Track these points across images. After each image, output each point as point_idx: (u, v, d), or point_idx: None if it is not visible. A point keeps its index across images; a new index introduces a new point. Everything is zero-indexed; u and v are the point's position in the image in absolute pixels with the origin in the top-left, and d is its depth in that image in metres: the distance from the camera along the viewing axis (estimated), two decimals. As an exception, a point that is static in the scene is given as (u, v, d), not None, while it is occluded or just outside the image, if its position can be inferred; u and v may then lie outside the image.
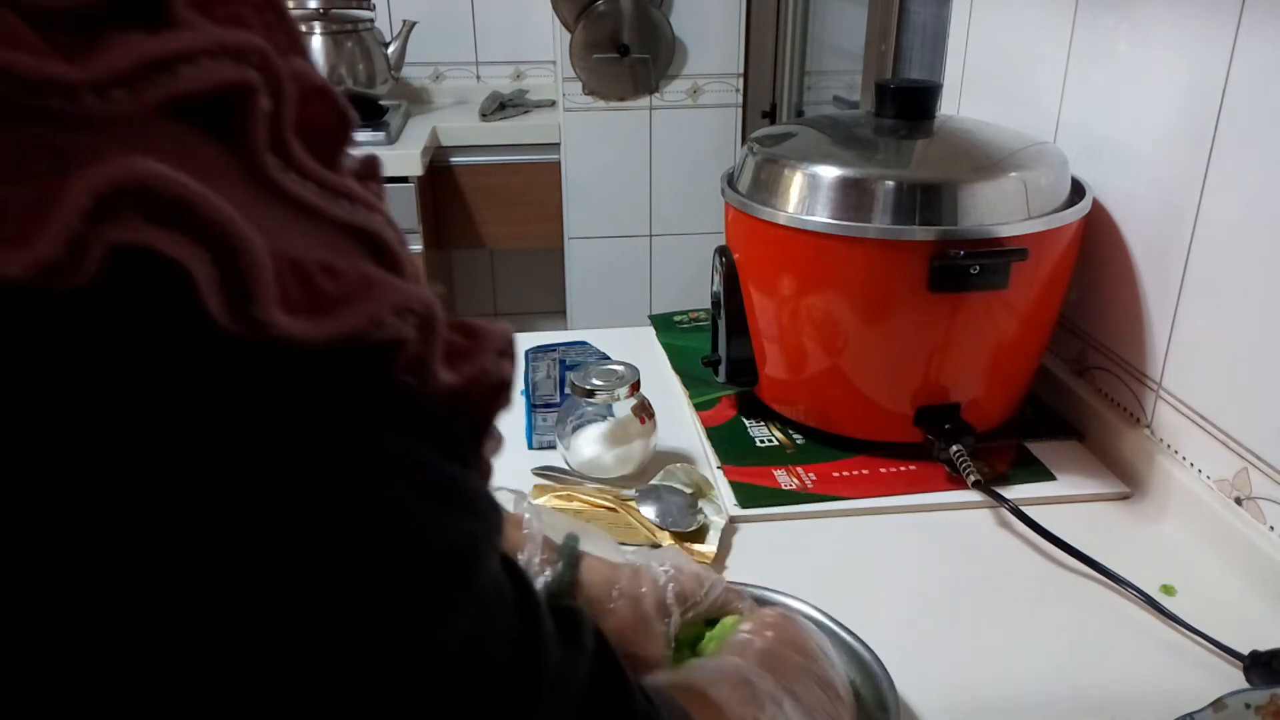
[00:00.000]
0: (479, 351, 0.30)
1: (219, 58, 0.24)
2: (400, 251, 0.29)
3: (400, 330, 0.26)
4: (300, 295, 0.24)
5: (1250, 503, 0.75)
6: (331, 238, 0.26)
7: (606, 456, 0.86)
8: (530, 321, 2.67)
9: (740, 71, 2.21)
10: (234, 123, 0.25)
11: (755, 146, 0.91)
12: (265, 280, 0.23)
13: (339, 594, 0.25)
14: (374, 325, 0.25)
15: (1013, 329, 0.86)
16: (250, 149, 0.25)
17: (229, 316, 0.22)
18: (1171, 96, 0.82)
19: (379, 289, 0.26)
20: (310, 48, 0.30)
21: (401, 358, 0.27)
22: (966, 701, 0.64)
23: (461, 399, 0.29)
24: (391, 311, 0.26)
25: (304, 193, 0.26)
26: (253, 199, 0.24)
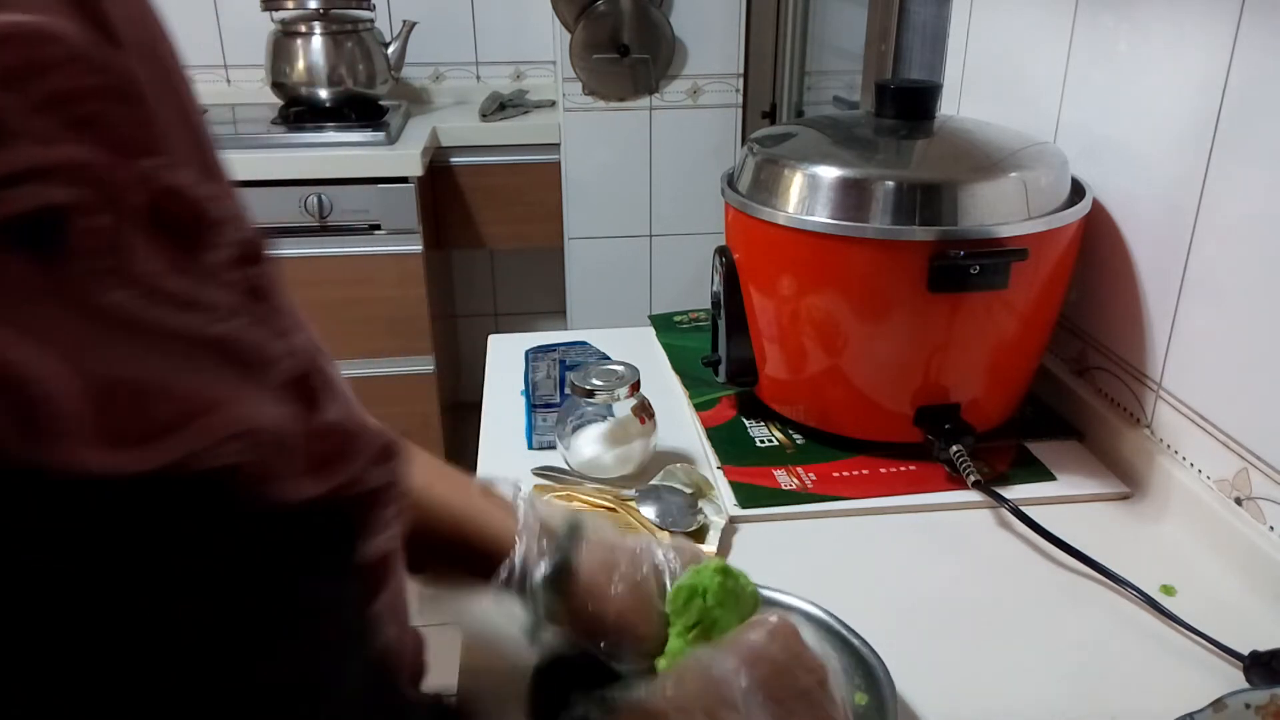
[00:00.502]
0: (349, 459, 0.29)
1: (35, 180, 0.23)
2: (272, 350, 0.27)
3: (237, 455, 0.25)
4: (122, 422, 0.23)
5: (1250, 503, 0.75)
6: (176, 353, 0.25)
7: (606, 456, 0.86)
8: (530, 321, 2.67)
9: (740, 71, 2.21)
10: (58, 244, 0.23)
11: (755, 146, 0.91)
12: (67, 415, 0.22)
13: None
14: (204, 453, 0.24)
15: (1013, 329, 0.86)
16: (73, 271, 0.23)
17: (27, 452, 0.21)
18: (1171, 96, 0.82)
19: (215, 414, 0.25)
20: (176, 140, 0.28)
21: (241, 481, 0.26)
22: (966, 701, 0.64)
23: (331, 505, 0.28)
24: (228, 438, 0.25)
25: (142, 311, 0.24)
26: (74, 321, 0.23)
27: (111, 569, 0.24)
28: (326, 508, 0.28)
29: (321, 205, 1.95)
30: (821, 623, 0.65)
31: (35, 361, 0.22)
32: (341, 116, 2.10)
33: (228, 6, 2.29)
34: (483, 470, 0.90)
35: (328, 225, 1.97)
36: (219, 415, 0.25)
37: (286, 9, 2.08)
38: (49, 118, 0.23)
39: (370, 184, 1.96)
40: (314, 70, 2.08)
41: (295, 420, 0.28)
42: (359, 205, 1.97)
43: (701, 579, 0.57)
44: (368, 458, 0.30)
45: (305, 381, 0.29)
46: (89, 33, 0.25)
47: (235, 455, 0.25)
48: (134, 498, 0.24)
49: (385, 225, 1.99)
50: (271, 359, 0.27)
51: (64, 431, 0.22)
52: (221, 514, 0.26)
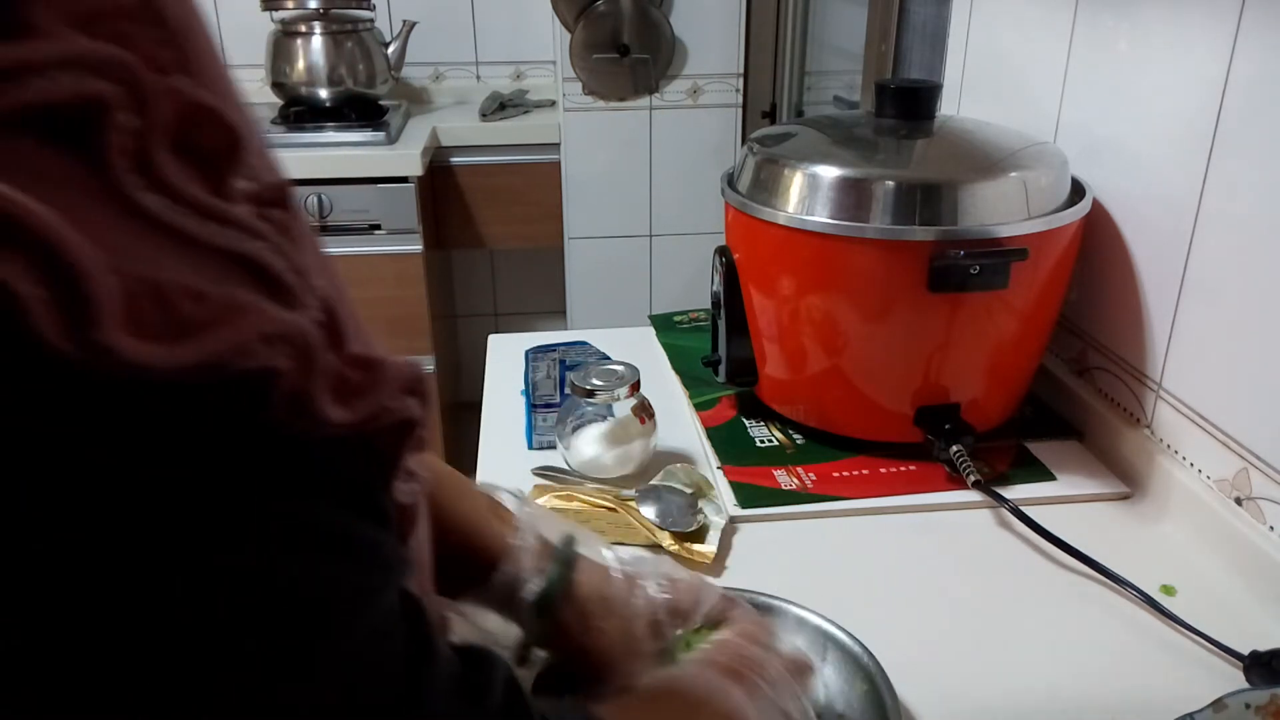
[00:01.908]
0: (377, 387, 0.29)
1: (72, 70, 0.23)
2: (293, 281, 0.27)
3: (270, 359, 0.25)
4: (155, 319, 0.23)
5: (1250, 503, 0.75)
6: (203, 264, 0.25)
7: (606, 456, 0.86)
8: (530, 321, 2.67)
9: (740, 71, 2.21)
10: (90, 138, 0.23)
11: (755, 146, 0.91)
12: (105, 300, 0.21)
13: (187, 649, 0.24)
14: (238, 352, 0.24)
15: (1013, 329, 0.86)
16: (107, 166, 0.23)
17: (66, 340, 0.21)
18: (1171, 96, 0.82)
19: (248, 315, 0.24)
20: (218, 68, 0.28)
21: (276, 392, 0.25)
22: (966, 701, 0.64)
23: (357, 439, 0.28)
24: (260, 339, 0.24)
25: (171, 215, 0.24)
26: (109, 218, 0.23)
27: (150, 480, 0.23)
28: (358, 439, 0.28)
29: (321, 205, 1.95)
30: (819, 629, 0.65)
31: (80, 247, 0.21)
32: (341, 116, 2.10)
33: (228, 6, 2.29)
34: (483, 470, 0.90)
35: (328, 225, 1.97)
36: (253, 316, 0.25)
37: (286, 9, 2.08)
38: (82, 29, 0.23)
39: (370, 184, 1.96)
40: (314, 70, 2.08)
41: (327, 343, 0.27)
42: (359, 205, 1.97)
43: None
44: (397, 386, 0.30)
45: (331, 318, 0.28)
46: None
47: (272, 358, 0.25)
48: (173, 400, 0.23)
49: (385, 225, 1.99)
50: (301, 289, 0.27)
51: (106, 321, 0.21)
52: (260, 431, 0.25)
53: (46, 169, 0.22)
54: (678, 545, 0.77)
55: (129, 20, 0.25)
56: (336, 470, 0.28)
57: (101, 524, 0.22)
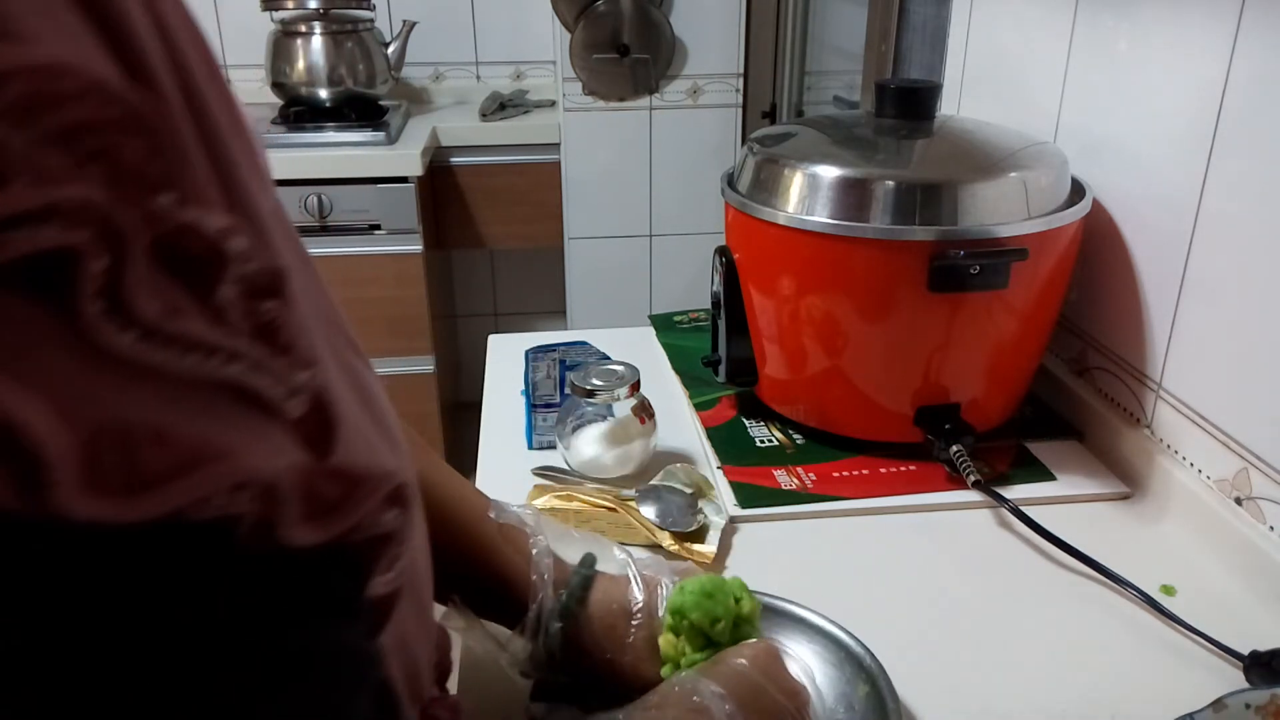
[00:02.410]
0: (355, 504, 0.29)
1: (46, 221, 0.22)
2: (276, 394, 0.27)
3: (232, 507, 0.25)
4: (116, 470, 0.22)
5: (1250, 503, 0.75)
6: (177, 397, 0.24)
7: (606, 456, 0.86)
8: (530, 321, 2.67)
9: (740, 71, 2.21)
10: (59, 285, 0.22)
11: (755, 146, 0.91)
12: (58, 465, 0.21)
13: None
14: (197, 505, 0.24)
15: (1013, 329, 0.86)
16: (77, 313, 0.23)
17: (20, 504, 0.21)
18: (1171, 96, 0.82)
19: (212, 465, 0.24)
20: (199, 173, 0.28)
21: (240, 532, 0.25)
22: (966, 701, 0.64)
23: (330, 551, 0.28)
24: (225, 489, 0.25)
25: (143, 354, 0.24)
26: (75, 365, 0.23)
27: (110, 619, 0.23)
28: (331, 553, 0.28)
29: (321, 205, 1.95)
30: (820, 629, 0.65)
31: (31, 411, 0.21)
32: (341, 116, 2.10)
33: (228, 6, 2.29)
34: (483, 470, 0.90)
35: (328, 225, 1.97)
36: (223, 464, 0.25)
37: (286, 9, 2.08)
38: (56, 153, 0.22)
39: (370, 184, 1.96)
40: (314, 70, 2.08)
41: (302, 463, 0.27)
42: (359, 205, 1.97)
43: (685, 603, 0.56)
44: (376, 502, 0.30)
45: (315, 418, 0.28)
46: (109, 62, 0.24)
47: (237, 505, 0.25)
48: (131, 547, 0.23)
49: (385, 225, 1.99)
50: (279, 400, 0.27)
51: (58, 482, 0.21)
52: (222, 562, 0.25)
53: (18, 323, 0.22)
54: (678, 545, 0.77)
55: (113, 133, 0.24)
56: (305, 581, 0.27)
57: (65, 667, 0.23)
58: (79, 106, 0.23)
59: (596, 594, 0.58)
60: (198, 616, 0.25)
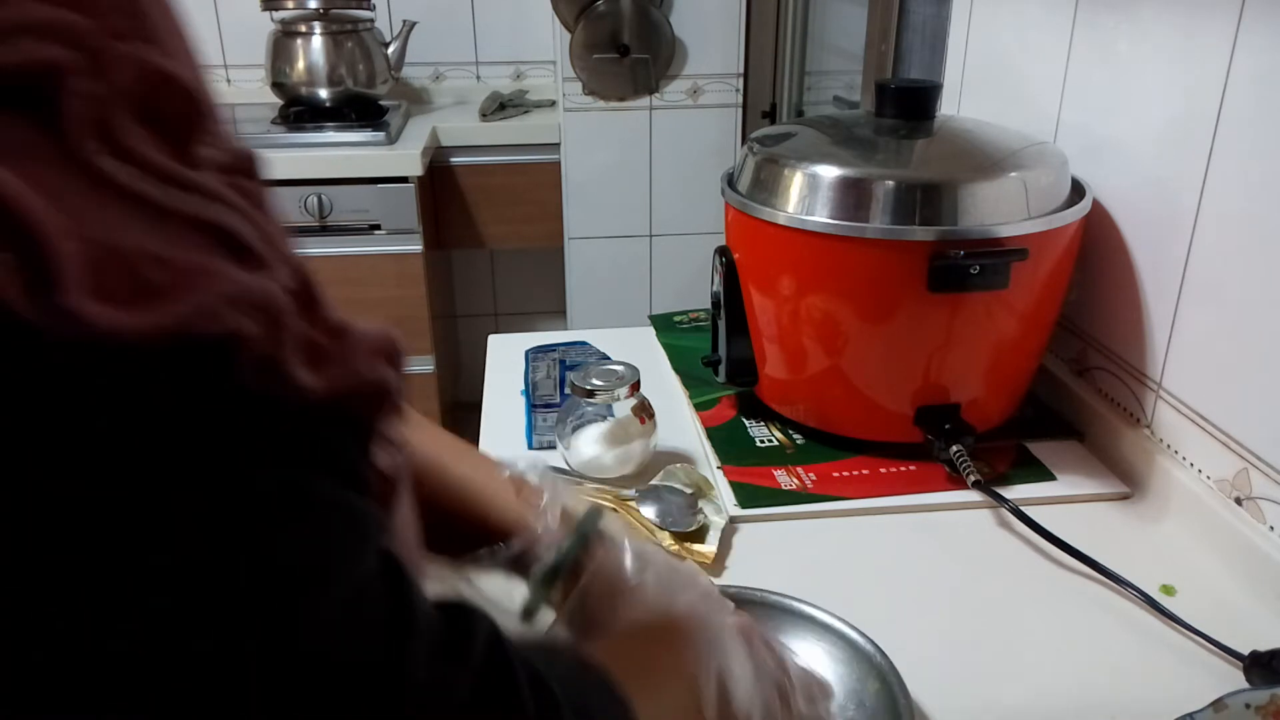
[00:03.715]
0: (350, 354, 0.29)
1: (27, 35, 0.22)
2: (261, 247, 0.27)
3: (235, 323, 0.24)
4: (119, 285, 0.22)
5: (1250, 503, 0.75)
6: (167, 230, 0.24)
7: (606, 456, 0.86)
8: (530, 321, 2.67)
9: (740, 71, 2.21)
10: (47, 105, 0.23)
11: (755, 146, 0.91)
12: (67, 265, 0.21)
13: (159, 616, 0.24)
14: (202, 316, 0.24)
15: (1013, 329, 0.86)
16: (65, 132, 0.23)
17: (30, 305, 0.21)
18: (1171, 96, 0.82)
19: (212, 279, 0.24)
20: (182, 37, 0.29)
21: (245, 357, 0.25)
22: (965, 701, 0.64)
23: (332, 405, 0.28)
24: (225, 302, 0.24)
25: (132, 181, 0.24)
26: (68, 185, 0.23)
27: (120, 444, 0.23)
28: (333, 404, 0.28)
29: (321, 205, 1.95)
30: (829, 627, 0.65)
31: (42, 211, 0.21)
32: (341, 116, 2.10)
33: (228, 6, 2.29)
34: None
35: (328, 225, 1.97)
36: (218, 280, 0.24)
37: (286, 9, 2.08)
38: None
39: (370, 184, 1.96)
40: (314, 70, 2.08)
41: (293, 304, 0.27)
42: (359, 205, 1.97)
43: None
44: (371, 353, 0.30)
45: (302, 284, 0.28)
46: None
47: (236, 321, 0.24)
48: (138, 364, 0.23)
49: (385, 225, 1.99)
50: (269, 257, 0.27)
51: (67, 280, 0.21)
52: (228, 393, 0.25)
53: (10, 137, 0.22)
54: (678, 545, 0.77)
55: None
56: (311, 436, 0.27)
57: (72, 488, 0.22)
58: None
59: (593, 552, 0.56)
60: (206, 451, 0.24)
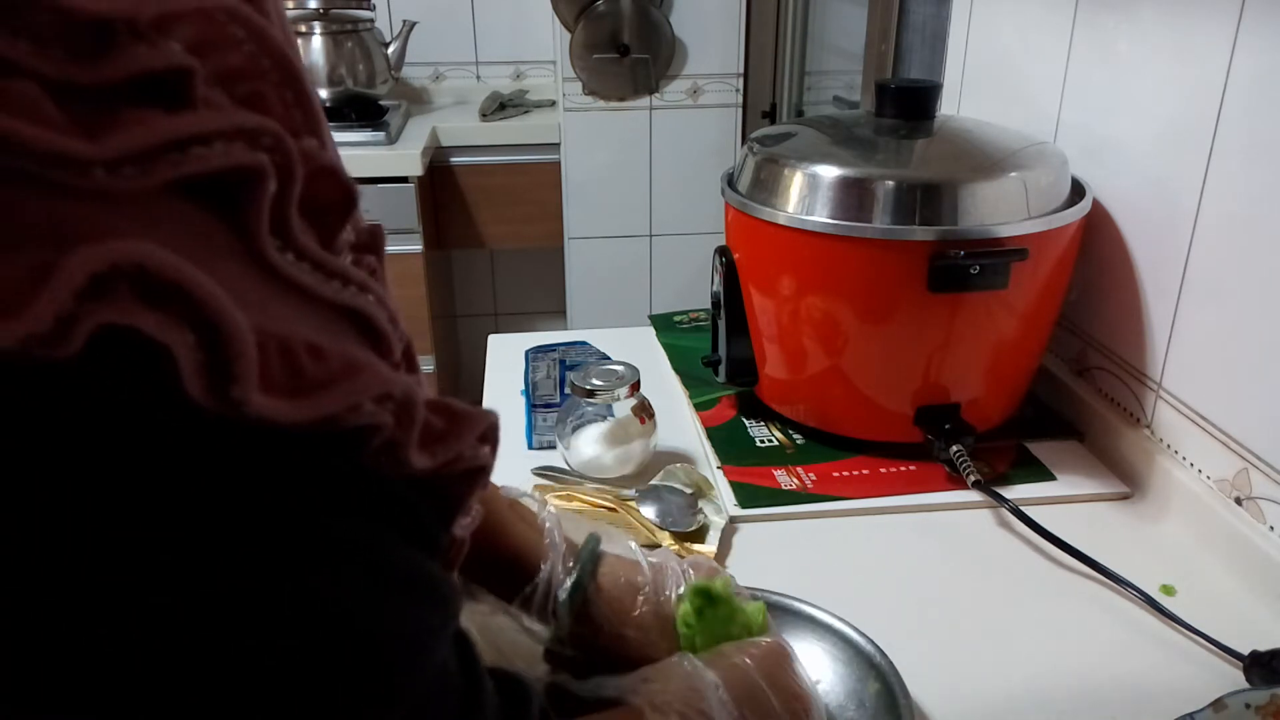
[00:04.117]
0: (457, 436, 0.31)
1: (234, 140, 0.24)
2: (390, 332, 0.29)
3: (376, 417, 0.27)
4: (282, 375, 0.24)
5: (1250, 503, 0.75)
6: (322, 318, 0.27)
7: (606, 456, 0.86)
8: (530, 321, 2.67)
9: (740, 71, 2.21)
10: (240, 203, 0.25)
11: (755, 146, 0.91)
12: (248, 363, 0.23)
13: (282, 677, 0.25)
14: (351, 411, 0.26)
15: (1013, 329, 0.86)
16: (252, 230, 0.25)
17: (208, 396, 0.23)
18: (1171, 96, 0.82)
19: (362, 375, 0.26)
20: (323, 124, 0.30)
21: (375, 441, 0.27)
22: (965, 701, 0.64)
23: (434, 482, 0.30)
24: (371, 398, 0.27)
25: (299, 274, 0.26)
26: (249, 278, 0.25)
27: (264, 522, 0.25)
28: (435, 482, 0.30)
29: (321, 205, 1.95)
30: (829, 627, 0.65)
31: (232, 313, 0.23)
32: (341, 116, 2.10)
33: (228, 6, 2.29)
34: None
35: (328, 225, 1.97)
36: (366, 376, 0.26)
37: (286, 9, 2.08)
38: (221, 91, 0.25)
39: (370, 184, 1.96)
40: (314, 70, 2.08)
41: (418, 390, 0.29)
42: (359, 205, 1.97)
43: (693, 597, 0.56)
44: (473, 436, 0.32)
45: (409, 361, 0.30)
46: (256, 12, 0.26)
47: (379, 415, 0.27)
48: (282, 444, 0.25)
49: (385, 225, 1.97)
50: (391, 334, 0.29)
51: (246, 379, 0.23)
52: (360, 476, 0.27)
53: (202, 232, 0.24)
54: (678, 545, 0.77)
55: (267, 82, 0.26)
56: (413, 511, 0.29)
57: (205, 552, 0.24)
58: (240, 52, 0.25)
59: (605, 569, 0.58)
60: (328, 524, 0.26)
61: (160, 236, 0.22)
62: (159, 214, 0.23)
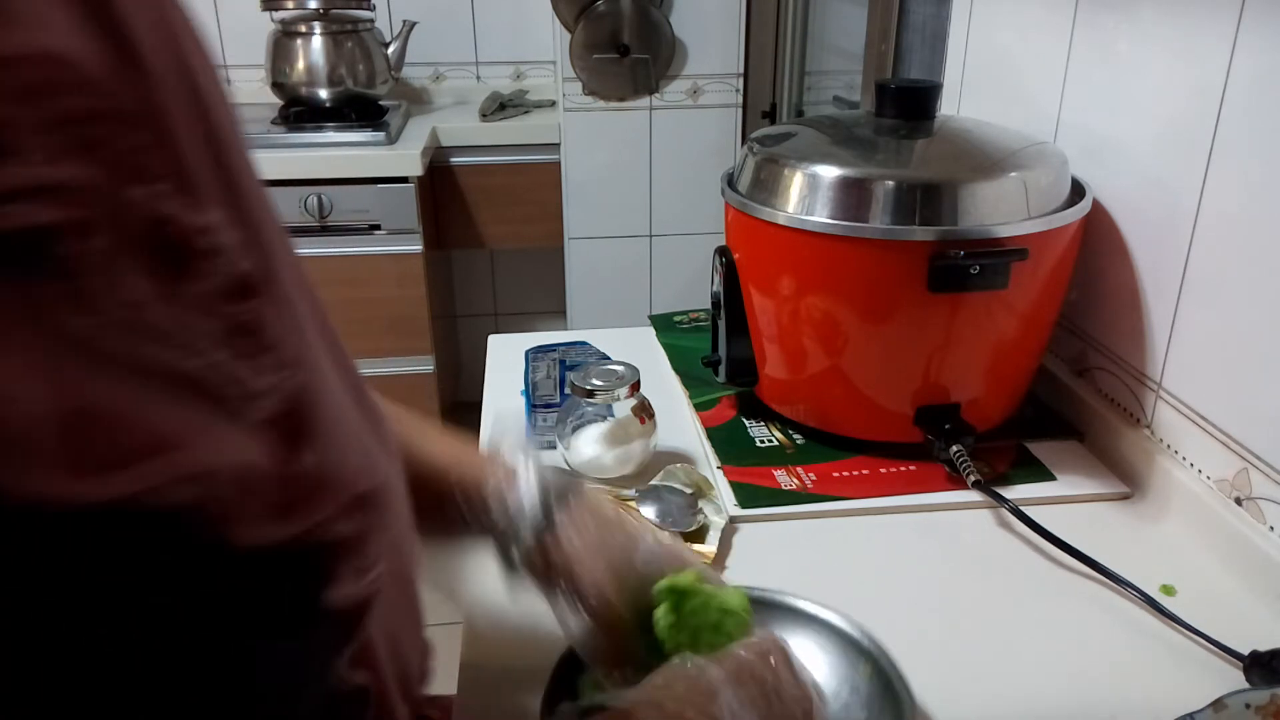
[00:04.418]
0: (318, 507, 0.29)
1: (38, 198, 0.22)
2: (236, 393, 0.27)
3: (189, 496, 0.25)
4: (82, 452, 0.23)
5: (1250, 503, 0.75)
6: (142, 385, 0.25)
7: (606, 456, 0.86)
8: (530, 321, 2.67)
9: (740, 71, 2.21)
10: (36, 264, 0.23)
11: (755, 146, 0.91)
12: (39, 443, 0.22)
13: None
14: (155, 491, 0.24)
15: (1013, 329, 0.86)
16: (47, 294, 0.23)
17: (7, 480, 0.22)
18: (1171, 96, 0.82)
19: (174, 453, 0.25)
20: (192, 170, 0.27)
21: (192, 522, 0.25)
22: (965, 701, 0.64)
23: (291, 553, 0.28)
24: (184, 477, 0.25)
25: (112, 340, 0.24)
26: (44, 346, 0.23)
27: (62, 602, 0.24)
28: (288, 554, 0.28)
29: (321, 205, 1.95)
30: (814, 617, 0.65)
31: (7, 384, 0.21)
32: (341, 116, 2.10)
33: (228, 6, 2.29)
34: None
35: (328, 225, 1.97)
36: (181, 454, 0.25)
37: (286, 9, 2.08)
38: (52, 137, 0.23)
39: (370, 184, 1.96)
40: (314, 70, 2.08)
41: (267, 462, 0.27)
42: (359, 205, 1.97)
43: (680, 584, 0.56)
44: (338, 507, 0.29)
45: (287, 420, 0.28)
46: (107, 55, 0.24)
47: (192, 496, 0.25)
48: (89, 529, 0.23)
49: (385, 225, 1.99)
50: (249, 396, 0.27)
51: (30, 455, 0.22)
52: (175, 553, 0.25)
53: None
54: (678, 545, 0.77)
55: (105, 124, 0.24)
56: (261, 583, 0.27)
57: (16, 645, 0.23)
58: (73, 97, 0.23)
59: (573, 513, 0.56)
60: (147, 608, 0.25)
61: None
62: None
